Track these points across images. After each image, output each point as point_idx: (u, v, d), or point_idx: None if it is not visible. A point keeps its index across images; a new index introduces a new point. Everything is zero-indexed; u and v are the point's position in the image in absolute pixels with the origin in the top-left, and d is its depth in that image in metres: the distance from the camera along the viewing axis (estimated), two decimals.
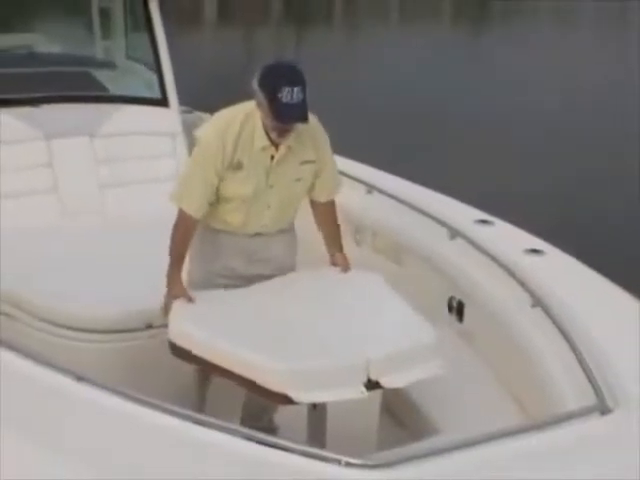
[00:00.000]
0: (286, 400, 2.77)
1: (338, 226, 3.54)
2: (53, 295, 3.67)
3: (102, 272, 3.83)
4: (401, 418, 3.53)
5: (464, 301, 3.80)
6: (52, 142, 4.66)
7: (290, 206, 3.36)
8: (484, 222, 4.08)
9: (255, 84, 3.10)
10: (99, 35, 5.82)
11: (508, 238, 3.93)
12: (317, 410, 2.95)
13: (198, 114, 5.68)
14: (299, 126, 3.15)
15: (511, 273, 3.54)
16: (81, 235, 4.27)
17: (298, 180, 3.28)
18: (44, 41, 5.79)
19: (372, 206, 4.46)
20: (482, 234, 3.92)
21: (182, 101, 5.33)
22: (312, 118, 3.21)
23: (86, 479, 2.27)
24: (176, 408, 2.48)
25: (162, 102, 5.05)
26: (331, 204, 3.49)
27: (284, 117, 3.05)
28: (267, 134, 3.16)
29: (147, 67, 5.34)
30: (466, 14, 31.86)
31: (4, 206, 4.39)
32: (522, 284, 3.45)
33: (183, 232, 3.23)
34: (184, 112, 5.37)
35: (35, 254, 4.02)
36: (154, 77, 5.21)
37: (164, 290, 3.27)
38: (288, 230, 3.44)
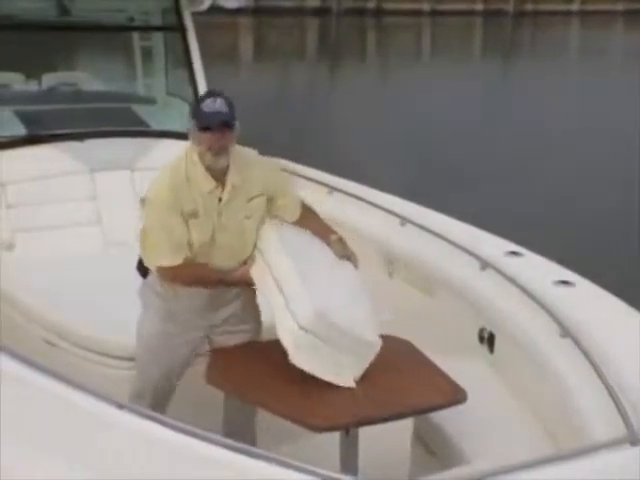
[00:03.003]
0: (317, 427, 2.85)
1: (319, 220, 3.50)
2: (95, 324, 3.76)
3: (140, 302, 3.93)
4: (432, 447, 3.56)
5: (495, 332, 3.83)
6: (95, 175, 4.82)
7: (245, 242, 3.31)
8: (514, 253, 4.11)
9: (190, 122, 3.16)
10: (141, 72, 6.02)
11: (538, 269, 3.96)
12: (349, 437, 3.01)
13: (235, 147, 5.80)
14: (242, 159, 3.19)
15: (541, 304, 3.57)
16: (123, 266, 4.38)
17: (248, 218, 3.27)
18: (89, 79, 6.00)
19: (404, 238, 4.53)
20: (512, 265, 3.95)
21: None
22: (253, 154, 3.29)
23: None
24: (217, 436, 2.52)
25: None
26: (305, 215, 3.46)
27: (207, 121, 3.04)
28: (210, 174, 3.15)
29: (186, 102, 5.49)
30: (496, 51, 31.85)
31: (50, 237, 4.55)
32: (552, 315, 3.48)
33: (183, 276, 3.24)
34: None
35: (78, 284, 4.13)
36: None
37: None
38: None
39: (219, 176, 3.19)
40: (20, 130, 5.03)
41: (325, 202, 5.11)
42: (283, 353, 3.30)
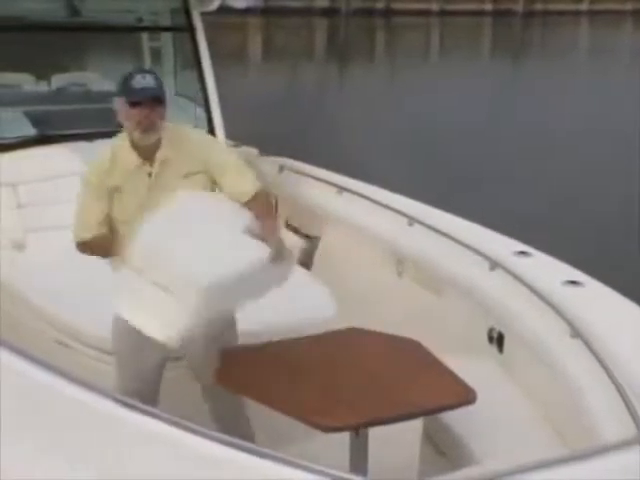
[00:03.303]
0: (326, 427, 2.85)
1: (269, 209, 3.33)
2: (106, 324, 3.75)
3: None
4: (441, 447, 3.56)
5: (504, 332, 3.83)
6: None
7: None
8: (523, 253, 4.11)
9: (116, 100, 3.19)
10: None
11: (547, 269, 3.95)
12: (359, 437, 3.01)
13: (245, 148, 5.82)
14: (177, 136, 3.18)
15: (550, 304, 3.57)
16: None
17: None
18: (98, 79, 6.02)
19: (413, 238, 4.53)
20: (521, 265, 3.95)
21: (229, 135, 5.49)
22: (195, 131, 3.30)
23: None
24: (224, 436, 2.50)
25: None
26: (256, 198, 3.22)
27: (138, 96, 3.07)
28: (136, 151, 3.19)
29: (195, 103, 5.50)
30: (505, 51, 31.78)
31: (60, 237, 4.55)
32: (561, 315, 3.47)
33: (94, 249, 3.33)
34: (232, 146, 5.51)
35: (89, 284, 4.14)
36: (202, 112, 5.38)
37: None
38: None
39: (147, 152, 3.20)
40: (30, 131, 5.06)
41: (334, 202, 5.13)
42: (292, 353, 3.31)
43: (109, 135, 5.00)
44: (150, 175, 3.22)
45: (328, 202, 5.17)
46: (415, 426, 3.31)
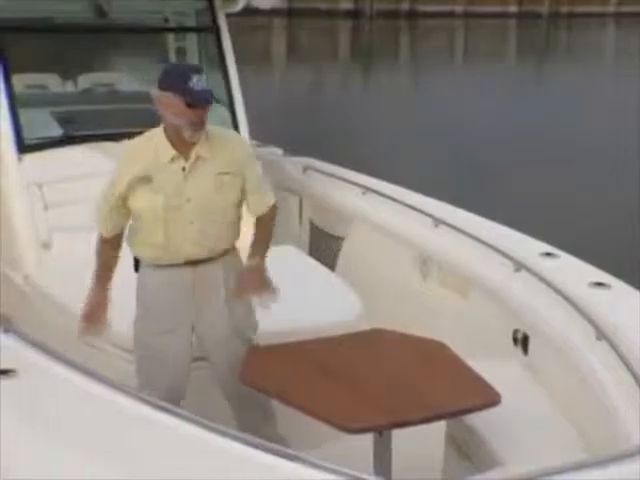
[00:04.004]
0: (351, 428, 2.85)
1: (267, 236, 3.44)
2: (129, 323, 3.80)
3: None
4: (465, 449, 3.53)
5: (529, 334, 3.81)
6: None
7: (219, 220, 3.31)
8: (549, 255, 4.08)
9: (156, 91, 3.22)
10: None
11: (573, 271, 3.93)
12: (383, 439, 3.01)
13: (271, 148, 5.83)
14: (217, 137, 3.28)
15: (576, 306, 3.54)
16: None
17: (218, 191, 3.27)
18: (124, 80, 6.05)
19: (438, 239, 4.51)
20: (547, 267, 3.92)
21: (254, 136, 5.50)
22: (232, 133, 3.36)
23: None
24: (247, 436, 2.50)
25: None
26: (263, 218, 3.43)
27: (200, 100, 3.16)
28: (173, 145, 3.23)
29: (220, 103, 5.52)
30: (530, 53, 31.58)
31: (86, 236, 4.58)
32: (587, 317, 3.45)
33: (99, 247, 3.50)
34: (257, 146, 5.52)
35: (114, 283, 4.16)
36: (227, 113, 5.39)
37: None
38: (229, 257, 3.38)
39: (184, 147, 3.24)
40: (57, 131, 5.09)
41: (359, 202, 5.13)
42: (317, 354, 3.31)
43: (135, 135, 5.08)
44: (184, 169, 3.25)
45: (353, 202, 5.16)
46: (439, 428, 3.30)
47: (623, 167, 11.83)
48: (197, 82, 3.16)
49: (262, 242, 3.40)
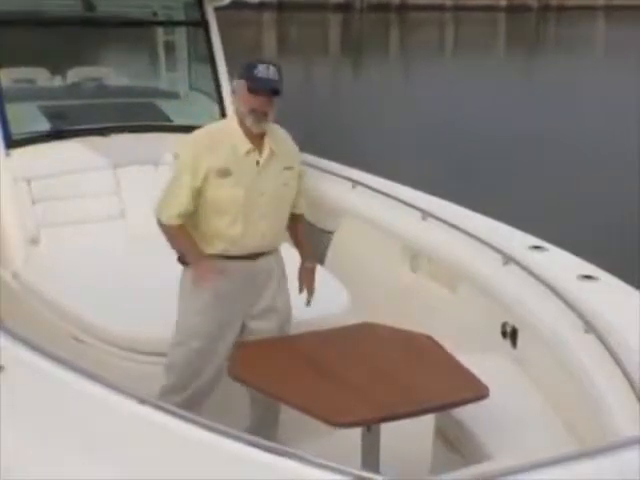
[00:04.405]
0: (339, 422, 2.85)
1: (302, 236, 3.64)
2: (119, 319, 3.78)
3: (168, 296, 3.94)
4: (454, 443, 3.55)
5: (518, 327, 3.82)
6: (119, 170, 4.84)
7: (283, 215, 3.42)
8: (538, 248, 4.09)
9: (235, 82, 3.30)
10: (164, 67, 6.04)
11: (562, 264, 3.94)
12: (371, 433, 3.01)
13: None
14: (277, 132, 3.34)
15: (564, 299, 3.55)
16: (147, 259, 4.41)
17: (285, 185, 3.37)
18: (113, 74, 6.03)
19: (428, 232, 4.51)
20: (536, 260, 3.93)
21: None
22: (282, 129, 3.40)
23: None
24: (238, 432, 2.50)
25: None
26: (302, 217, 3.62)
27: (259, 86, 3.18)
28: (248, 137, 3.27)
29: (209, 97, 5.50)
30: (520, 46, 31.58)
31: (74, 231, 4.58)
32: (575, 310, 3.46)
33: (173, 238, 3.35)
34: None
35: (103, 279, 4.15)
36: (216, 106, 5.38)
37: None
38: (276, 252, 3.50)
39: (256, 140, 3.29)
40: (44, 125, 5.06)
41: (348, 196, 5.12)
42: (306, 348, 3.31)
43: (123, 130, 5.08)
44: (258, 163, 3.30)
45: (342, 196, 5.16)
46: (427, 421, 3.30)
47: (612, 159, 11.88)
48: (262, 70, 3.20)
49: (309, 241, 3.61)
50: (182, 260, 3.42)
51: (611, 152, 12.46)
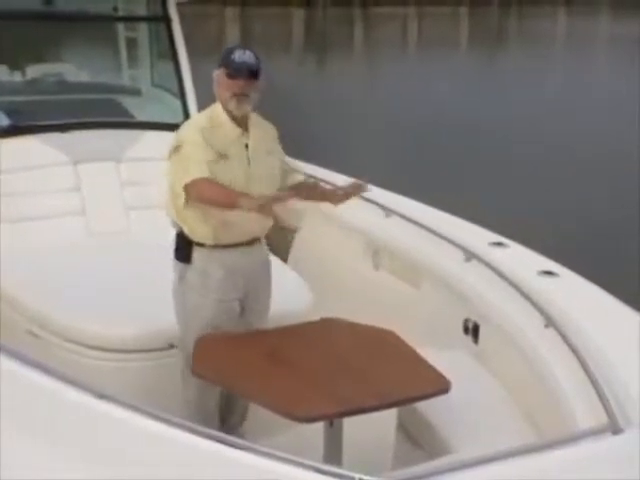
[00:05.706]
0: (301, 418, 2.86)
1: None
2: (78, 315, 3.76)
3: (126, 292, 3.93)
4: (416, 437, 3.58)
5: (479, 322, 3.85)
6: (80, 167, 4.80)
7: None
8: (498, 244, 4.14)
9: (215, 72, 3.33)
10: (125, 64, 5.98)
11: (522, 260, 3.98)
12: (333, 428, 3.02)
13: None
14: (256, 119, 3.38)
15: (525, 295, 3.60)
16: (106, 256, 4.39)
17: (272, 168, 3.45)
18: (73, 70, 5.96)
19: (390, 229, 4.54)
20: (497, 256, 3.98)
21: None
22: (261, 118, 3.44)
23: None
24: (195, 425, 2.52)
25: None
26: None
27: (237, 70, 3.25)
28: (235, 122, 3.33)
29: (171, 94, 5.47)
30: (482, 40, 31.84)
31: (34, 227, 4.52)
32: (536, 305, 3.50)
33: (209, 189, 3.25)
34: None
35: (62, 274, 4.13)
36: (178, 103, 5.35)
37: None
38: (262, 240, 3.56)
39: (242, 124, 3.36)
40: (3, 121, 4.99)
41: None
42: (268, 343, 3.31)
43: (84, 126, 5.03)
44: (247, 147, 3.36)
45: None
46: (390, 416, 3.33)
47: (572, 147, 12.05)
48: (239, 54, 3.27)
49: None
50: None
51: (575, 139, 12.62)
